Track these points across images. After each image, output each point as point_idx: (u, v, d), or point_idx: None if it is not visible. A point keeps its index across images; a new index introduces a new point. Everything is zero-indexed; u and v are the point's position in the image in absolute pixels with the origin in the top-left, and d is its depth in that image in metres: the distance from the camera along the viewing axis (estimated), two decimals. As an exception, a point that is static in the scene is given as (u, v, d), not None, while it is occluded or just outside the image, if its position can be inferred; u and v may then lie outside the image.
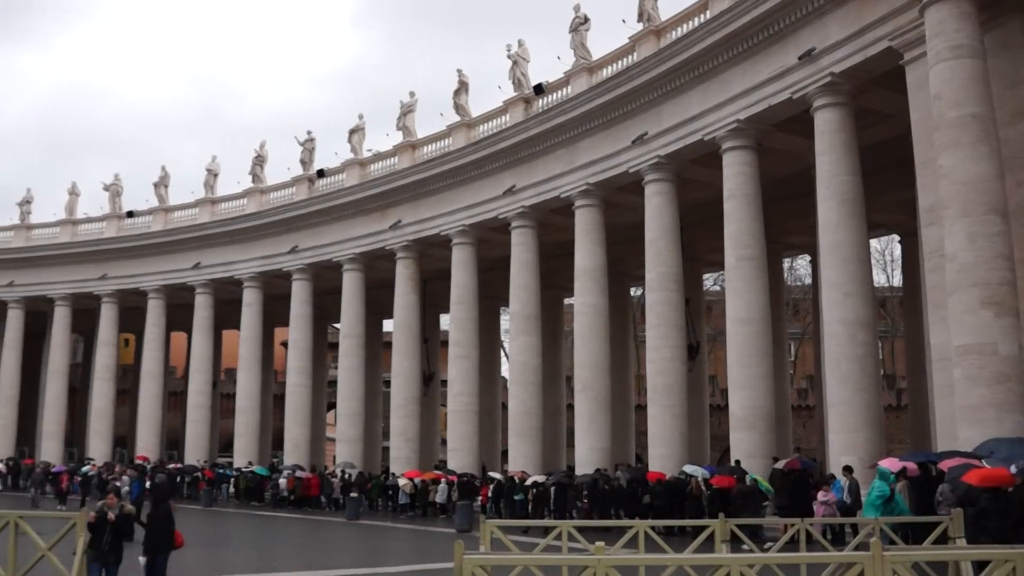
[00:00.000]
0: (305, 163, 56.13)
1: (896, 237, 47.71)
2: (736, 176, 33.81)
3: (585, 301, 40.58)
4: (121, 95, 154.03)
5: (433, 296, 53.91)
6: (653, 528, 18.28)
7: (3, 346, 65.12)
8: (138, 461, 54.80)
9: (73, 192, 66.19)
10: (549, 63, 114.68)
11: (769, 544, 21.51)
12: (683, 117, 35.70)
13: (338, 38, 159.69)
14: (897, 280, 65.30)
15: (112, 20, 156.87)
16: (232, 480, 51.99)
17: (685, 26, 36.47)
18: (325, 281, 54.86)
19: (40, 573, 16.04)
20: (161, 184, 62.90)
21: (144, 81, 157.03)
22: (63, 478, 47.60)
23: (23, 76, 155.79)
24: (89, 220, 66.21)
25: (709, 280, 61.27)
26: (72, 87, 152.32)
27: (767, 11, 31.17)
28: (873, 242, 47.31)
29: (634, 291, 58.49)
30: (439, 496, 41.06)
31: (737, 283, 33.59)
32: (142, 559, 16.05)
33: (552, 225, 44.14)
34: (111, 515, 15.55)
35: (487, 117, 46.87)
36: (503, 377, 60.27)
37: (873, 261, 43.42)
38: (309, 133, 56.82)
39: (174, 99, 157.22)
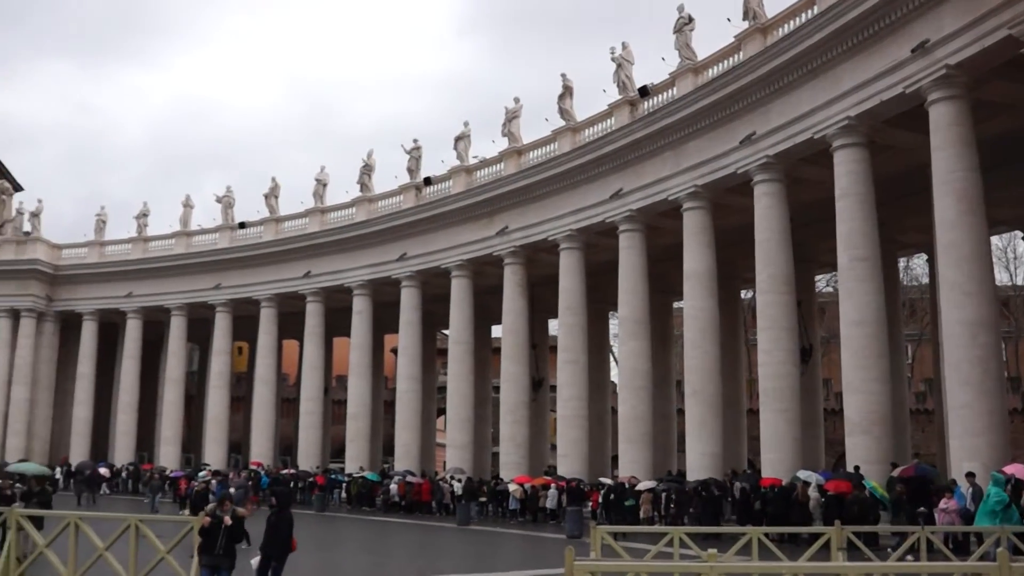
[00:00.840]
0: (412, 171, 56.57)
1: (1019, 234, 46.28)
2: (848, 175, 32.99)
3: (695, 305, 40.04)
4: (231, 108, 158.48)
5: (541, 301, 53.86)
6: (766, 535, 17.90)
7: (123, 355, 67.37)
8: (252, 467, 56.01)
9: (187, 204, 68.17)
10: (654, 65, 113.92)
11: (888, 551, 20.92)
12: (792, 115, 35.00)
13: (443, 46, 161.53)
14: (1021, 278, 63.27)
15: (221, 36, 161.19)
16: (344, 485, 52.65)
17: (792, 22, 35.77)
18: (433, 288, 55.29)
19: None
20: (271, 195, 64.16)
21: (253, 94, 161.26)
22: (181, 483, 48.82)
23: (139, 93, 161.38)
24: (203, 232, 68.10)
25: (822, 282, 60.03)
26: (184, 102, 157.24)
27: (877, 3, 30.35)
28: (994, 239, 45.78)
29: (745, 294, 57.68)
30: (549, 502, 41.00)
31: (850, 284, 32.75)
32: (254, 562, 16.23)
33: (660, 228, 43.67)
34: (227, 519, 15.76)
35: (592, 121, 46.61)
36: (612, 382, 60.00)
37: (994, 259, 41.99)
38: (415, 141, 57.31)
39: (281, 110, 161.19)
